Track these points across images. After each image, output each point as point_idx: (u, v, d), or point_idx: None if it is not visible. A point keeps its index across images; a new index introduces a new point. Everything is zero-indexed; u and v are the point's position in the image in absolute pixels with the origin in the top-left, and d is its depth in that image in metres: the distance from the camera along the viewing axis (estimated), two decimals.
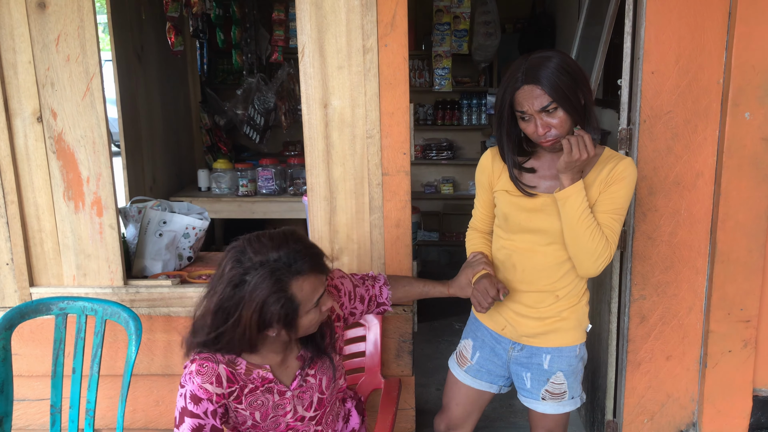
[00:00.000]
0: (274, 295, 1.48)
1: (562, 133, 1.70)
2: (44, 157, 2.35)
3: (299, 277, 1.51)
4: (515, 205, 1.84)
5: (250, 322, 1.50)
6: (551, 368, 1.89)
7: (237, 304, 1.49)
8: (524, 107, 1.69)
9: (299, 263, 1.51)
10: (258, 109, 4.46)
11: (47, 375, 2.40)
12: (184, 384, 1.56)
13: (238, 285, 1.49)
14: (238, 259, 1.51)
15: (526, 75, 1.68)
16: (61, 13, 2.24)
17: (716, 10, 2.10)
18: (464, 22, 4.70)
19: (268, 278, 1.48)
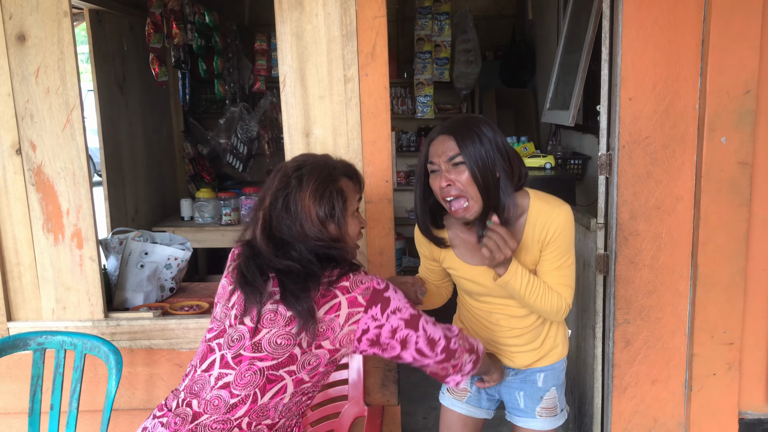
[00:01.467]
0: (328, 181, 1.50)
1: (466, 195, 1.67)
2: (23, 190, 2.32)
3: (344, 177, 1.56)
4: (467, 280, 1.85)
5: (310, 216, 1.48)
6: (545, 385, 1.92)
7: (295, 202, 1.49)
8: (433, 158, 1.69)
9: (344, 165, 1.59)
10: (241, 137, 4.47)
11: (24, 412, 2.35)
12: (386, 283, 1.52)
13: (288, 184, 1.50)
14: (283, 167, 1.55)
15: (445, 126, 1.70)
16: (41, 46, 2.23)
17: (690, 38, 2.14)
18: (445, 51, 4.77)
19: (321, 166, 1.53)
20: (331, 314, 1.46)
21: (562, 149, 3.89)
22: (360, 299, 1.46)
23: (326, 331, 1.45)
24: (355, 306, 1.46)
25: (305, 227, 1.48)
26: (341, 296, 1.46)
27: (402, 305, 1.50)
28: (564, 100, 3.54)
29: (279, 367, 1.46)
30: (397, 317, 1.49)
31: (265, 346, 1.45)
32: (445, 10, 4.70)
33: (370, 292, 1.48)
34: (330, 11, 2.18)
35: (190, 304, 2.60)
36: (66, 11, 2.22)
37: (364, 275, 1.50)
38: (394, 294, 1.50)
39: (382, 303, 1.48)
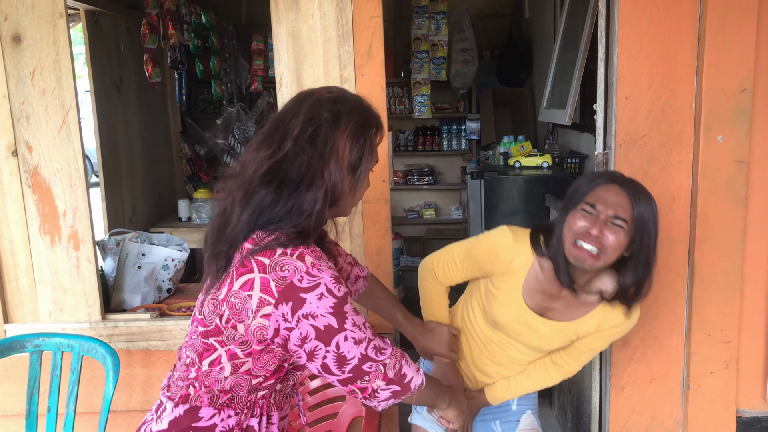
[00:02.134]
0: (366, 127, 1.33)
1: (603, 255, 1.57)
2: (19, 192, 2.32)
3: (375, 129, 1.38)
4: (507, 313, 1.74)
5: (342, 159, 1.29)
6: (519, 408, 1.90)
7: (325, 137, 1.28)
8: (599, 203, 1.56)
9: (376, 117, 1.39)
10: (238, 138, 4.46)
11: (21, 414, 2.34)
12: (316, 279, 1.25)
13: (320, 116, 1.29)
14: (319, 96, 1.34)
15: (626, 182, 1.60)
16: (36, 47, 2.23)
17: (686, 37, 2.14)
18: (442, 50, 4.76)
19: (362, 110, 1.34)
20: (245, 291, 1.26)
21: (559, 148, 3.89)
22: (272, 287, 1.24)
23: (240, 311, 1.27)
24: (267, 293, 1.24)
25: (329, 168, 1.28)
26: (256, 272, 1.25)
27: (319, 311, 1.24)
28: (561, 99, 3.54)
29: (209, 335, 1.32)
30: (309, 323, 1.24)
31: (204, 310, 1.34)
32: (441, 9, 4.70)
33: (285, 283, 1.24)
34: (326, 11, 2.18)
35: (187, 305, 2.60)
36: (62, 12, 2.22)
37: (292, 260, 1.25)
38: (313, 296, 1.24)
39: (294, 302, 1.23)
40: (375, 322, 2.39)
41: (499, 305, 1.76)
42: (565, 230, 1.61)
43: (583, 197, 1.61)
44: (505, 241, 1.72)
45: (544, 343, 1.78)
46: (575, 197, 1.63)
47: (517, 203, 3.28)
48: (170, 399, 1.39)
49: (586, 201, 1.59)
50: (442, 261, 1.84)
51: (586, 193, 1.61)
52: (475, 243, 1.79)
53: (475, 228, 3.40)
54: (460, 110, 5.33)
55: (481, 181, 3.29)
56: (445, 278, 1.85)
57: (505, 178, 3.31)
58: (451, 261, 1.82)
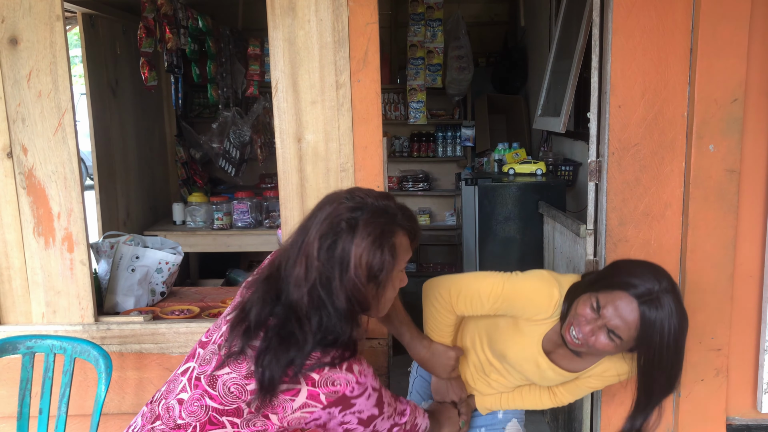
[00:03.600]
0: (385, 237, 1.30)
1: (586, 350, 1.57)
2: (14, 193, 2.32)
3: (401, 231, 1.35)
4: (529, 359, 1.72)
5: (359, 274, 1.28)
6: (505, 417, 1.91)
7: (342, 253, 1.28)
8: (609, 307, 1.50)
9: (404, 217, 1.36)
10: (234, 142, 4.47)
11: (13, 416, 2.33)
12: (363, 385, 1.34)
13: (338, 230, 1.29)
14: (338, 204, 1.33)
15: (651, 302, 1.47)
16: (33, 49, 2.23)
17: (678, 46, 2.16)
18: (438, 57, 4.79)
19: (380, 216, 1.31)
20: (287, 396, 1.32)
21: (553, 155, 3.92)
22: (322, 398, 1.31)
23: (277, 407, 1.32)
24: (314, 400, 1.31)
25: (348, 280, 1.29)
26: (303, 386, 1.31)
27: (366, 407, 1.36)
28: (555, 107, 3.56)
29: (223, 413, 1.33)
30: (355, 416, 1.35)
31: (219, 387, 1.35)
32: (437, 16, 4.72)
33: (336, 396, 1.32)
34: (322, 17, 2.20)
35: (181, 309, 2.60)
36: (59, 15, 2.23)
37: (339, 374, 1.32)
38: (364, 401, 1.35)
39: (343, 406, 1.33)
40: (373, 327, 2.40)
41: (514, 344, 1.72)
42: (573, 307, 1.59)
43: (604, 288, 1.54)
44: (549, 292, 1.66)
45: (545, 382, 1.79)
46: (602, 281, 1.57)
47: (511, 210, 3.30)
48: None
49: (602, 294, 1.53)
50: (464, 297, 1.73)
51: (609, 287, 1.53)
52: (513, 286, 1.70)
53: (469, 234, 3.41)
54: (455, 117, 5.35)
55: (476, 187, 3.31)
56: (465, 312, 1.76)
57: (499, 184, 3.33)
58: (478, 299, 1.72)
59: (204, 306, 2.66)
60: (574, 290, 1.64)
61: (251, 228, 4.01)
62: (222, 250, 4.07)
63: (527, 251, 3.28)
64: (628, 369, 1.69)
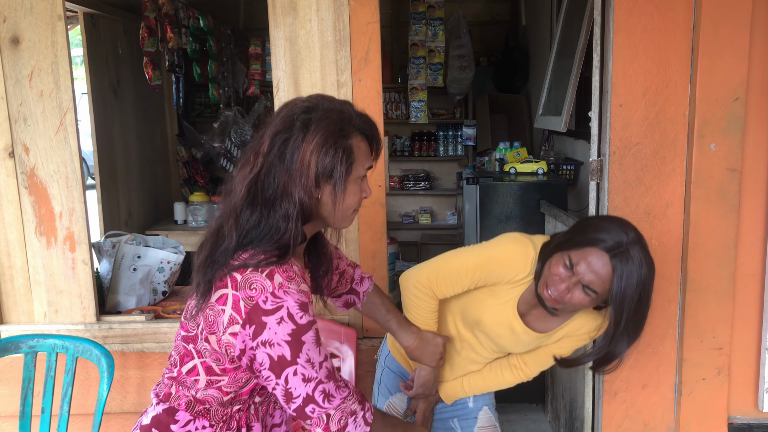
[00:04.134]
0: (337, 136, 1.26)
1: (562, 306, 1.59)
2: (16, 193, 2.32)
3: (358, 134, 1.31)
4: (505, 323, 1.73)
5: (308, 172, 1.23)
6: (476, 405, 1.90)
7: (293, 150, 1.24)
8: (582, 263, 1.53)
9: (362, 120, 1.32)
10: (235, 141, 4.47)
11: (15, 415, 2.34)
12: (280, 301, 1.21)
13: (291, 128, 1.26)
14: (293, 106, 1.30)
15: (621, 254, 1.50)
16: (34, 49, 2.24)
17: (680, 45, 2.16)
18: (439, 56, 4.78)
19: (334, 117, 1.27)
20: (220, 305, 1.25)
21: (554, 155, 3.91)
22: (241, 306, 1.22)
23: (212, 324, 1.26)
24: (236, 311, 1.23)
25: (295, 183, 1.24)
26: (229, 289, 1.24)
27: (276, 338, 1.21)
28: (557, 106, 3.56)
29: (188, 340, 1.31)
30: (265, 351, 1.22)
31: (188, 314, 1.33)
32: (438, 15, 4.72)
33: (251, 304, 1.21)
34: (323, 17, 2.20)
35: (182, 308, 2.60)
36: (60, 15, 2.23)
37: (261, 278, 1.22)
38: (273, 321, 1.20)
39: (257, 325, 1.21)
40: (369, 326, 2.40)
41: (488, 308, 1.73)
42: (546, 266, 1.61)
43: (575, 246, 1.56)
44: (525, 251, 1.68)
45: (518, 347, 1.78)
46: (572, 239, 1.59)
47: (513, 209, 3.30)
48: (156, 395, 1.39)
49: (573, 252, 1.56)
50: (444, 278, 1.73)
51: (580, 244, 1.56)
52: (488, 253, 1.72)
53: (470, 233, 3.41)
54: (457, 116, 5.35)
55: (477, 186, 3.31)
56: (447, 292, 1.75)
57: (500, 184, 3.33)
58: (457, 276, 1.72)
59: None
60: (546, 249, 1.67)
61: None
62: None
63: None
64: (598, 325, 1.71)
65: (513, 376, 1.85)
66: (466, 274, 1.70)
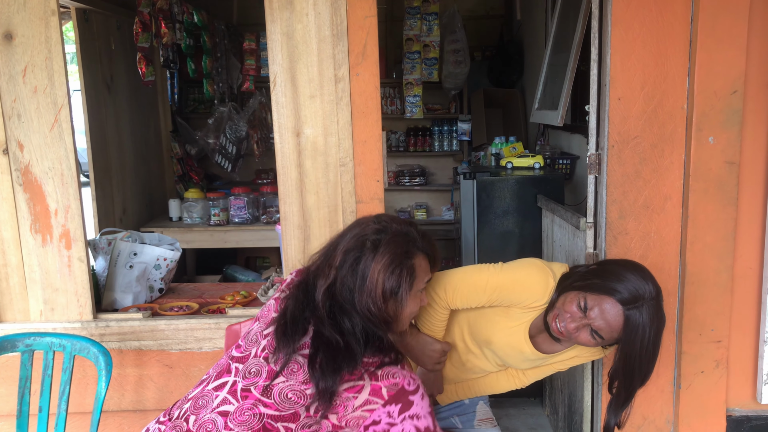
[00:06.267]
0: (403, 258, 1.43)
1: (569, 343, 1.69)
2: (10, 190, 2.30)
3: (420, 254, 1.49)
4: (515, 345, 1.79)
5: (376, 289, 1.41)
6: (472, 401, 1.98)
7: (363, 268, 1.42)
8: (595, 308, 1.60)
9: (424, 241, 1.50)
10: (230, 137, 4.45)
11: (12, 414, 2.32)
12: (417, 382, 1.40)
13: (362, 247, 1.43)
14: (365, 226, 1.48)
15: (635, 307, 1.57)
16: (28, 45, 2.21)
17: (678, 39, 2.16)
18: (434, 51, 4.77)
19: (401, 238, 1.45)
20: (350, 393, 1.38)
21: (550, 149, 3.91)
22: (384, 392, 1.37)
23: (338, 405, 1.37)
24: (376, 396, 1.37)
25: (365, 298, 1.41)
26: (367, 381, 1.39)
27: (423, 413, 1.39)
28: (552, 100, 3.55)
29: (279, 419, 1.38)
30: (412, 424, 1.38)
31: (275, 395, 1.40)
32: (433, 10, 4.70)
33: (396, 389, 1.38)
34: (320, 11, 2.18)
35: (179, 305, 2.59)
36: (54, 10, 2.21)
37: (398, 369, 1.40)
38: (419, 400, 1.39)
39: (403, 404, 1.38)
40: None
41: (500, 330, 1.78)
42: (560, 300, 1.67)
43: (593, 289, 1.62)
44: (546, 280, 1.73)
45: (523, 365, 1.85)
46: (591, 282, 1.64)
47: (509, 204, 3.29)
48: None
49: (590, 295, 1.61)
50: (461, 292, 1.77)
51: (597, 289, 1.61)
52: (509, 276, 1.76)
53: (467, 228, 3.41)
54: (452, 111, 5.34)
55: (474, 181, 3.30)
56: (461, 306, 1.80)
57: (497, 178, 3.32)
58: (474, 293, 1.76)
59: (203, 302, 2.65)
60: (564, 281, 1.72)
61: (248, 224, 4.00)
62: (219, 246, 4.05)
63: (526, 245, 3.28)
64: (593, 355, 1.81)
65: (509, 383, 1.93)
66: (485, 292, 1.75)
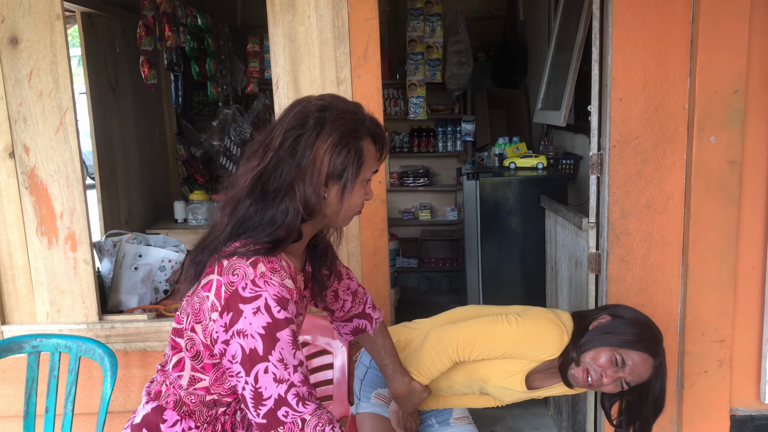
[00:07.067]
0: (351, 137, 1.26)
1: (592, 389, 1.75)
2: (16, 193, 2.32)
3: (368, 138, 1.31)
4: (511, 392, 1.83)
5: (319, 170, 1.24)
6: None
7: (305, 147, 1.24)
8: (630, 363, 1.68)
9: (374, 125, 1.33)
10: (234, 139, 4.47)
11: (19, 415, 2.34)
12: (259, 290, 1.18)
13: (304, 125, 1.25)
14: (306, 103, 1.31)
15: (658, 355, 1.71)
16: (33, 49, 2.24)
17: (679, 39, 2.16)
18: (437, 52, 4.78)
19: (349, 118, 1.28)
20: (205, 291, 1.23)
21: (554, 149, 3.91)
22: (222, 292, 1.20)
23: (198, 311, 1.25)
24: (218, 297, 1.21)
25: (304, 179, 1.24)
26: (215, 275, 1.23)
27: (251, 329, 1.17)
28: (555, 101, 3.56)
29: (177, 333, 1.31)
30: (237, 343, 1.18)
31: (180, 309, 1.33)
32: (436, 11, 4.71)
33: (231, 290, 1.19)
34: (322, 13, 2.20)
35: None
36: (58, 14, 2.23)
37: (244, 265, 1.20)
38: (250, 309, 1.17)
39: (233, 313, 1.18)
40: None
41: (497, 374, 1.80)
42: (588, 355, 1.70)
43: (626, 345, 1.68)
44: (561, 337, 1.75)
45: (509, 400, 1.89)
46: (622, 336, 1.69)
47: (513, 204, 3.30)
48: (147, 393, 1.40)
49: (624, 351, 1.67)
50: (479, 348, 1.76)
51: (631, 344, 1.68)
52: (526, 332, 1.76)
53: (470, 229, 3.41)
54: (455, 112, 5.34)
55: (477, 182, 3.31)
56: (476, 359, 1.80)
57: (500, 179, 3.33)
58: (492, 349, 1.77)
59: None
60: (580, 335, 1.75)
61: None
62: None
63: (529, 245, 3.29)
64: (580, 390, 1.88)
65: (489, 403, 1.95)
66: (500, 348, 1.77)
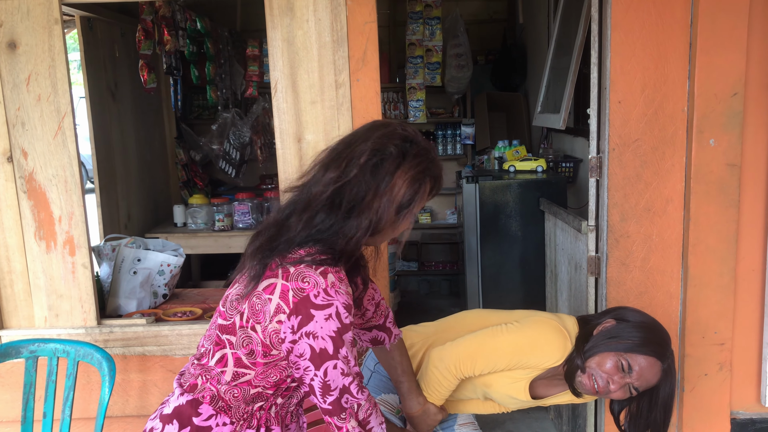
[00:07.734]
0: (424, 175, 1.34)
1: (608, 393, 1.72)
2: (14, 197, 2.32)
3: (432, 178, 1.39)
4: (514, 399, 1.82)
5: (394, 197, 1.31)
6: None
7: (386, 171, 1.30)
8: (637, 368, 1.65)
9: (438, 170, 1.40)
10: (233, 143, 4.47)
11: (17, 420, 2.34)
12: (331, 299, 1.27)
13: (385, 149, 1.32)
14: (392, 129, 1.37)
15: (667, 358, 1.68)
16: (31, 53, 2.23)
17: (678, 41, 2.16)
18: (437, 55, 4.78)
19: (426, 157, 1.35)
20: (267, 294, 1.30)
21: (553, 152, 3.91)
22: (290, 297, 1.27)
23: (258, 313, 1.30)
24: (284, 301, 1.28)
25: (383, 202, 1.31)
26: (279, 279, 1.29)
27: (322, 333, 1.27)
28: (555, 104, 3.56)
29: (224, 330, 1.35)
30: (307, 343, 1.27)
31: (227, 302, 1.38)
32: (436, 14, 4.72)
33: (301, 295, 1.27)
34: (321, 17, 2.19)
35: (183, 311, 2.60)
36: (57, 18, 2.23)
37: (315, 274, 1.28)
38: (322, 316, 1.26)
39: (303, 317, 1.26)
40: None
41: (503, 381, 1.80)
42: (594, 361, 1.68)
43: (631, 349, 1.66)
44: (564, 345, 1.75)
45: (513, 407, 1.89)
46: (627, 340, 1.67)
47: (512, 207, 3.30)
48: (180, 386, 1.42)
49: (630, 356, 1.65)
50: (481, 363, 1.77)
51: (637, 348, 1.66)
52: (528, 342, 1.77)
53: (470, 232, 3.41)
54: (455, 115, 5.34)
55: (476, 185, 3.30)
56: (482, 373, 1.80)
57: (500, 182, 3.33)
58: (496, 362, 1.77)
59: (206, 308, 2.66)
60: (583, 341, 1.74)
61: (253, 229, 4.00)
62: (223, 251, 4.06)
63: (529, 248, 3.28)
64: (587, 399, 1.86)
65: (494, 409, 1.94)
66: (502, 359, 1.76)
